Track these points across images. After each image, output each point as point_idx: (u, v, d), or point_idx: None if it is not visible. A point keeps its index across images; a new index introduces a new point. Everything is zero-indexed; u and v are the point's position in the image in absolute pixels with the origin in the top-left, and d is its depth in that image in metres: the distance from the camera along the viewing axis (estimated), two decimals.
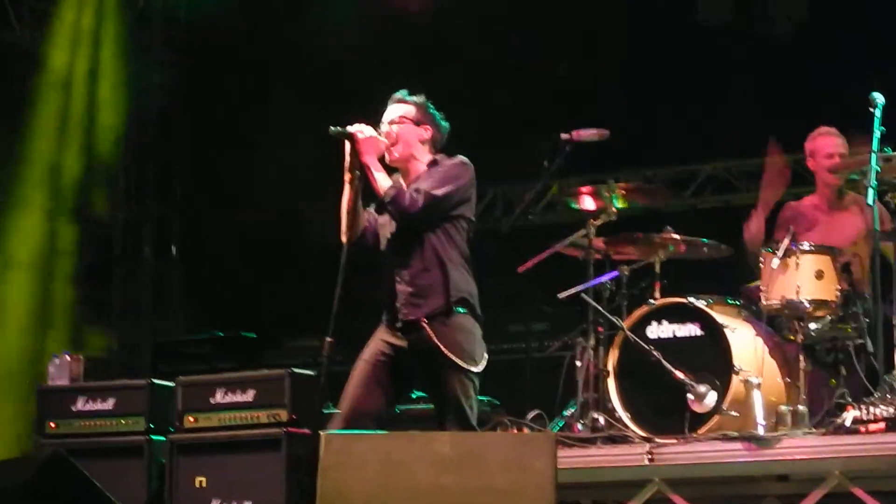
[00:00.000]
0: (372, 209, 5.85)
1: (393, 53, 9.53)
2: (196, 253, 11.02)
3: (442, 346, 5.56)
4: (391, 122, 5.81)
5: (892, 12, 8.88)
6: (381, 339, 5.74)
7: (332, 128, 5.69)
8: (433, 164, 5.78)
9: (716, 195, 10.77)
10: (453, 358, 5.56)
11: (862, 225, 7.04)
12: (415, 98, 5.87)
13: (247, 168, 10.48)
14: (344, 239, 5.65)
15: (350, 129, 5.67)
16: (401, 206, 5.62)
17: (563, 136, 7.27)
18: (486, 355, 5.70)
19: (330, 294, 5.47)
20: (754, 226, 7.38)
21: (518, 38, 9.74)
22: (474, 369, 5.61)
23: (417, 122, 5.81)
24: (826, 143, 7.40)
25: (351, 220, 5.65)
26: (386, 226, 5.80)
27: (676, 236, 7.28)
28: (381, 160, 5.73)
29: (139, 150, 11.51)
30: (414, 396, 7.15)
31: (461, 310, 5.65)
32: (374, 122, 5.78)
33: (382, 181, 5.66)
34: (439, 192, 5.64)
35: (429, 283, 5.65)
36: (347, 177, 5.68)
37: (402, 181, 5.77)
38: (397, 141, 5.78)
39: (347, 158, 5.68)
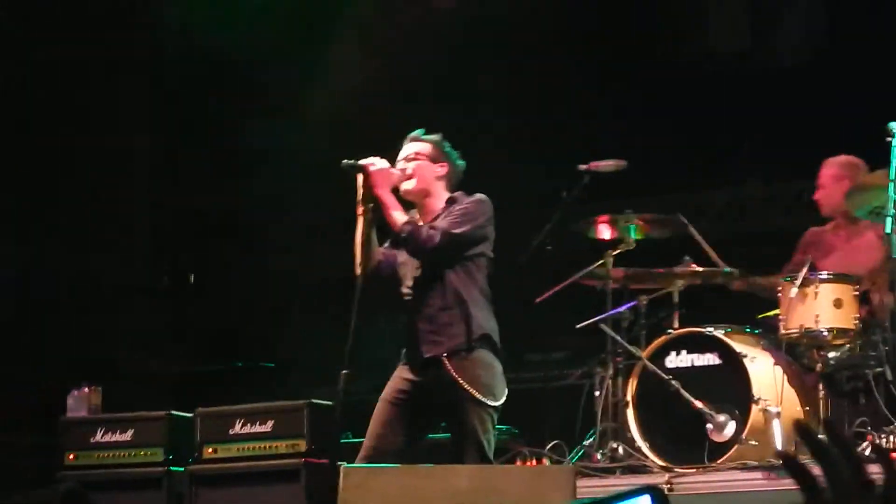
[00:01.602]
0: (388, 245, 5.83)
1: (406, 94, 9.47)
2: (214, 284, 10.98)
3: (462, 381, 5.53)
4: (407, 159, 5.79)
5: None
6: (400, 378, 5.71)
7: (344, 161, 5.68)
8: (451, 201, 5.75)
9: (735, 221, 10.72)
10: (473, 392, 5.53)
11: (880, 251, 7.02)
12: (430, 136, 5.85)
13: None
14: (358, 272, 5.64)
15: (362, 161, 5.66)
16: (417, 243, 5.60)
17: (581, 167, 7.30)
18: (506, 391, 5.67)
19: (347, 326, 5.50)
20: None
21: (532, 69, 9.73)
22: (494, 403, 5.58)
23: (433, 160, 5.80)
24: (819, 174, 7.42)
25: (364, 254, 5.63)
26: (407, 264, 5.76)
27: (695, 267, 7.27)
28: (397, 194, 5.72)
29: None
30: None
31: (481, 346, 5.62)
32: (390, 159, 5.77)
33: (398, 216, 5.63)
34: (457, 230, 5.62)
35: (449, 321, 5.62)
36: (360, 210, 5.66)
37: (418, 217, 5.76)
38: (413, 176, 5.76)
39: (360, 191, 5.66)
